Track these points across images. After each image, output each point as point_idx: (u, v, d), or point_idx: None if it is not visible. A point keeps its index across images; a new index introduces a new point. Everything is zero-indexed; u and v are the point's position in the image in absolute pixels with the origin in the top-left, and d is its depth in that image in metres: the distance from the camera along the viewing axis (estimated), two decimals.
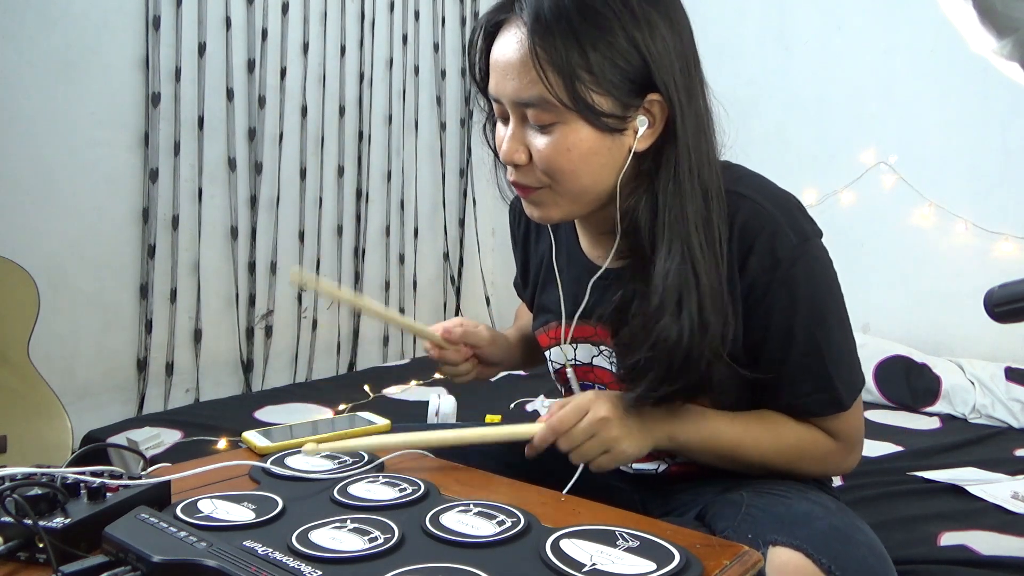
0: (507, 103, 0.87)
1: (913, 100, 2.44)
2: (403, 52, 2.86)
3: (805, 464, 0.95)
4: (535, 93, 0.84)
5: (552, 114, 0.84)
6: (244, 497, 0.77)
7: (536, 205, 0.92)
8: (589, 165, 0.87)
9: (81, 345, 2.12)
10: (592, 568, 0.63)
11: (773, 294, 0.89)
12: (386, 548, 0.66)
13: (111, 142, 2.14)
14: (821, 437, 0.95)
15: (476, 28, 0.92)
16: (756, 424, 0.94)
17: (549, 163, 0.87)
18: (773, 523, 0.81)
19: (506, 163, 0.90)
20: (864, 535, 0.83)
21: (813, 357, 0.91)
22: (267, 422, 1.91)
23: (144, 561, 0.59)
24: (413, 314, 2.95)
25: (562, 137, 0.85)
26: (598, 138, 0.86)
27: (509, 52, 0.85)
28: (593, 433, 0.87)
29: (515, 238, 1.18)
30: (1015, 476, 1.63)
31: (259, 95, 2.40)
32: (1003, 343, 2.29)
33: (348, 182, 2.70)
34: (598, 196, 0.90)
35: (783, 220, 0.88)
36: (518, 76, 0.85)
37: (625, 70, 0.84)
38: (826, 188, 2.55)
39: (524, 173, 0.90)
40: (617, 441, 0.87)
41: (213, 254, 2.36)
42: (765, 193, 0.91)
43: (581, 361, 1.03)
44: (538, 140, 0.87)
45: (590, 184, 0.88)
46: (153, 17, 2.15)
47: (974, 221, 2.35)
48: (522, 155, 0.88)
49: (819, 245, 0.91)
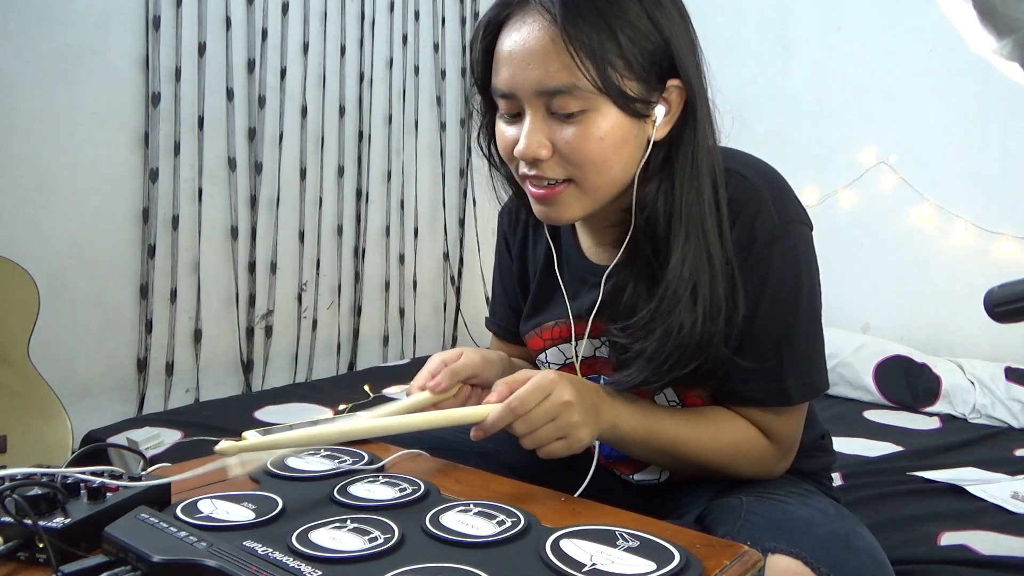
0: (528, 94, 0.84)
1: (913, 100, 2.45)
2: (403, 52, 2.86)
3: (741, 464, 0.93)
4: (565, 79, 0.81)
5: (581, 101, 0.82)
6: (244, 497, 0.77)
7: (553, 205, 0.88)
8: (620, 154, 0.84)
9: (81, 345, 2.12)
10: (592, 568, 0.63)
11: (746, 273, 0.87)
12: (386, 548, 0.66)
13: (111, 142, 2.14)
14: (757, 436, 0.92)
15: (480, 27, 0.89)
16: (696, 420, 0.92)
17: (579, 154, 0.83)
18: (772, 530, 0.80)
19: (528, 159, 0.85)
20: (864, 541, 0.82)
21: (769, 346, 0.88)
22: (267, 422, 1.90)
23: (144, 561, 0.59)
24: (413, 314, 2.95)
25: (593, 125, 0.82)
26: (628, 125, 0.84)
27: (531, 40, 0.83)
28: (553, 416, 0.81)
29: (509, 245, 1.12)
30: (1015, 476, 1.63)
31: (259, 95, 2.40)
32: (1003, 343, 2.29)
33: (348, 182, 2.70)
34: (619, 188, 0.88)
35: (769, 198, 0.87)
36: (544, 63, 0.82)
37: (652, 53, 0.83)
38: (826, 188, 2.55)
39: (547, 168, 0.85)
40: (576, 427, 0.82)
41: (213, 254, 2.36)
42: (756, 171, 0.90)
43: (584, 356, 1.01)
44: (565, 131, 0.83)
45: (618, 174, 0.86)
46: (153, 17, 2.15)
47: (974, 221, 2.35)
48: (546, 149, 0.84)
49: (802, 232, 0.89)
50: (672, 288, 0.84)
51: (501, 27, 0.87)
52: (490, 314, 1.21)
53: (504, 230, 1.12)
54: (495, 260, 1.17)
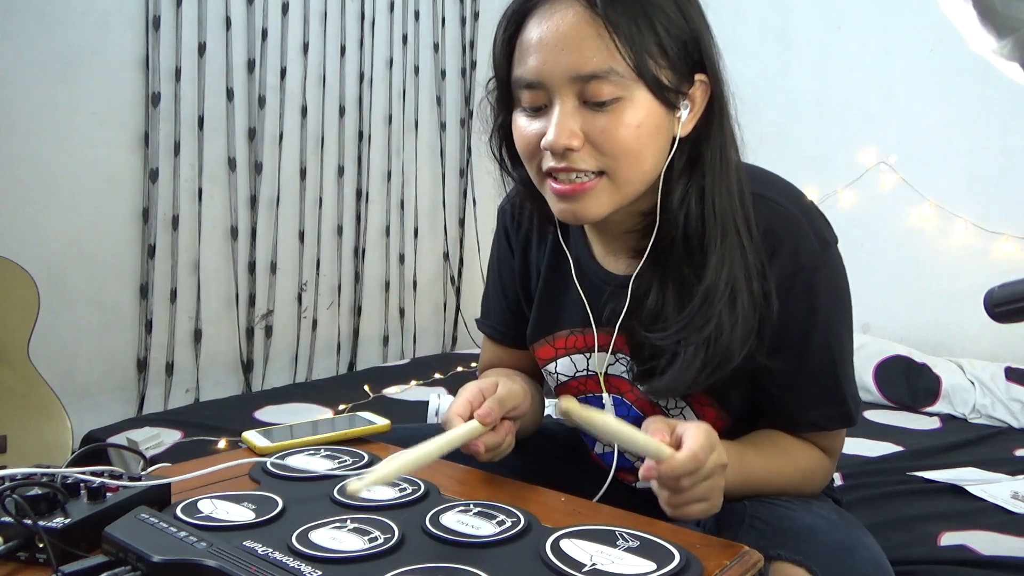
0: (560, 80, 0.81)
1: (913, 100, 2.45)
2: (403, 52, 2.86)
3: (808, 487, 0.93)
4: (601, 63, 0.79)
5: (616, 87, 0.79)
6: (244, 497, 0.77)
7: (581, 201, 0.83)
8: (654, 145, 0.83)
9: (81, 345, 2.12)
10: (592, 568, 0.63)
11: (793, 301, 0.86)
12: (386, 548, 0.66)
13: (111, 142, 2.14)
14: (821, 456, 0.93)
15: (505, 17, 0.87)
16: (773, 451, 0.91)
17: (614, 142, 0.81)
18: (776, 537, 0.79)
19: (558, 149, 0.81)
20: (868, 549, 0.81)
21: (827, 370, 0.88)
22: (267, 422, 1.91)
23: (144, 561, 0.59)
24: (413, 314, 2.95)
25: (630, 112, 0.80)
26: (661, 115, 0.82)
27: (564, 26, 0.81)
28: (709, 476, 0.73)
29: (510, 245, 1.07)
30: (1015, 476, 1.63)
31: (259, 95, 2.40)
32: (1003, 343, 2.29)
33: (348, 182, 2.70)
34: (648, 184, 0.85)
35: (807, 225, 0.86)
36: (579, 49, 0.79)
37: (684, 43, 0.83)
38: (826, 188, 2.55)
39: (578, 159, 0.82)
40: (719, 492, 0.76)
41: (213, 254, 2.36)
42: (784, 195, 0.89)
43: (594, 371, 0.98)
44: (598, 119, 0.81)
45: (649, 168, 0.84)
46: (153, 17, 2.15)
47: (974, 221, 2.35)
48: (577, 139, 0.81)
49: (838, 253, 0.89)
50: (711, 290, 0.83)
51: (525, 17, 0.85)
52: (483, 315, 1.14)
53: (506, 225, 1.07)
54: (492, 258, 1.12)
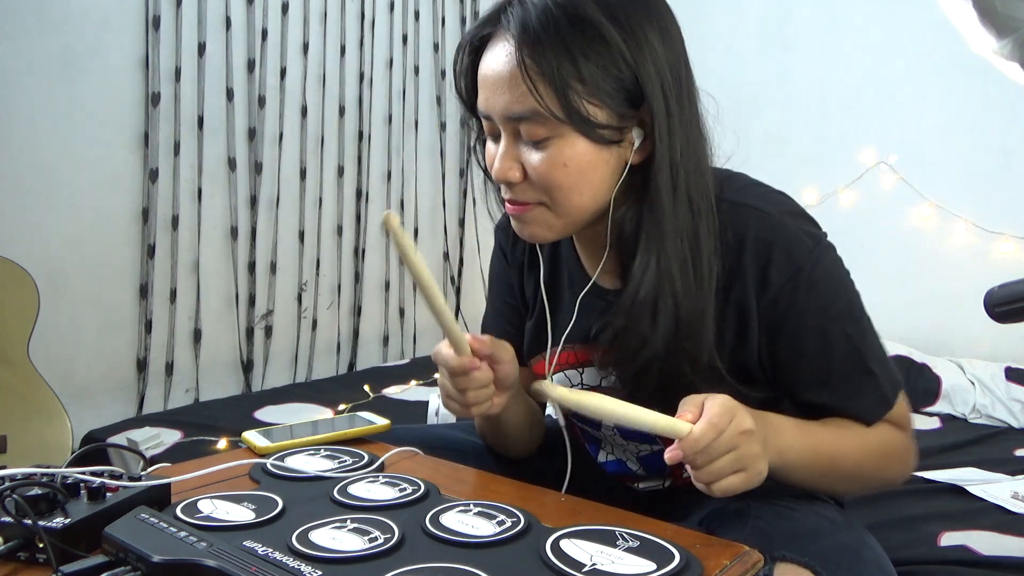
0: (498, 119, 0.84)
1: (913, 100, 2.45)
2: (403, 52, 2.86)
3: (892, 465, 0.91)
4: (527, 106, 0.80)
5: (546, 128, 0.81)
6: (244, 497, 0.77)
7: (528, 224, 0.88)
8: (587, 180, 0.83)
9: (81, 345, 2.12)
10: (592, 568, 0.63)
11: (801, 301, 0.86)
12: (386, 548, 0.66)
13: (111, 142, 2.14)
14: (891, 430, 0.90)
15: (460, 46, 0.89)
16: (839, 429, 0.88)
17: (545, 179, 0.83)
18: (780, 538, 0.79)
19: (499, 182, 0.87)
20: (872, 552, 0.81)
21: (855, 359, 0.88)
22: (267, 422, 1.91)
23: (144, 561, 0.59)
24: (413, 314, 2.95)
25: (558, 151, 0.82)
26: (595, 151, 0.83)
27: (497, 66, 0.82)
28: (733, 447, 0.74)
29: (508, 260, 1.08)
30: (1015, 476, 1.63)
31: (259, 95, 2.40)
32: (1003, 343, 2.29)
33: (348, 182, 2.70)
34: (594, 212, 0.87)
35: (794, 226, 0.87)
36: (508, 90, 0.81)
37: (619, 78, 0.81)
38: (826, 188, 2.55)
39: (519, 191, 0.86)
40: (756, 459, 0.75)
41: (213, 254, 2.36)
42: (770, 201, 0.89)
43: (589, 385, 0.98)
44: (533, 156, 0.83)
45: (588, 200, 0.85)
46: (153, 17, 2.15)
47: (974, 221, 2.35)
48: (516, 172, 0.84)
49: (830, 244, 0.90)
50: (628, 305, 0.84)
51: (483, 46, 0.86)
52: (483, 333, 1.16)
53: (501, 244, 1.10)
54: (490, 277, 1.14)
